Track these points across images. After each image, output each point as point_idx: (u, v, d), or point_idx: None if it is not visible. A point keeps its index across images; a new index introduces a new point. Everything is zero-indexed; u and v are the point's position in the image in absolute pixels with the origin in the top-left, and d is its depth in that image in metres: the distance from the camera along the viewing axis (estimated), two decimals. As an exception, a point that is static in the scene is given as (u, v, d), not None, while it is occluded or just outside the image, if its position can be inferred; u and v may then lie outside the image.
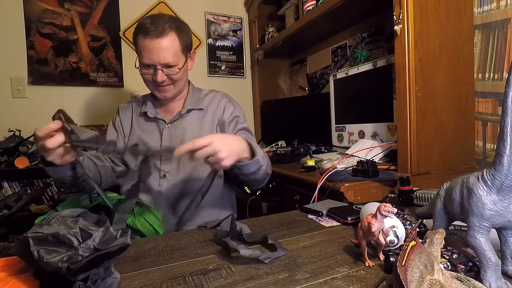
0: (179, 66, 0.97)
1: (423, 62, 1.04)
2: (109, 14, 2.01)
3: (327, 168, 1.12)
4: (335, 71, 1.73)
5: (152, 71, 0.96)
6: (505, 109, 0.41)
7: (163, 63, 0.94)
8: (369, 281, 0.47)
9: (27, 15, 1.81)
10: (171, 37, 0.94)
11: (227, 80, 2.41)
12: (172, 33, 0.94)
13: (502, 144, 0.42)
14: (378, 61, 1.28)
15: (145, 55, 0.94)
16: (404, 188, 0.89)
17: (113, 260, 0.47)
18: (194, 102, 1.08)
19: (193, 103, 1.08)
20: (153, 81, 0.98)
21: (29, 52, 1.82)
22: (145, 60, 0.94)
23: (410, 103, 1.03)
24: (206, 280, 0.50)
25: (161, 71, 0.95)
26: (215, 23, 2.36)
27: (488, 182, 0.43)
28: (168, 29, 0.93)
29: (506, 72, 1.09)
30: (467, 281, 0.40)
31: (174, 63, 0.96)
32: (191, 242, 0.68)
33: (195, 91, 1.12)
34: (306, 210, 0.87)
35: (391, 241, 0.52)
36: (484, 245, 0.42)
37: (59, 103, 1.89)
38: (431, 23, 1.05)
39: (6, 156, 1.60)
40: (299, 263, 0.55)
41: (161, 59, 0.93)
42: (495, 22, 1.11)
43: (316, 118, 1.83)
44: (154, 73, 0.96)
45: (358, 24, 1.75)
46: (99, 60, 2.00)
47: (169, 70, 0.96)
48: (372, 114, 1.34)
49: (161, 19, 0.94)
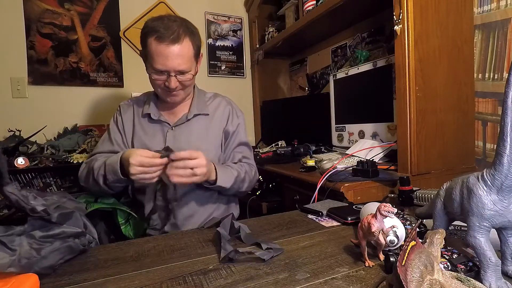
0: (192, 72, 0.96)
1: (423, 62, 1.04)
2: (109, 14, 2.01)
3: (327, 168, 1.12)
4: (335, 71, 1.73)
5: (165, 77, 0.94)
6: (505, 109, 0.41)
7: (177, 70, 0.93)
8: (369, 281, 0.47)
9: (27, 15, 1.81)
10: (186, 43, 0.92)
11: (227, 80, 2.41)
12: (187, 38, 0.92)
13: (502, 144, 0.41)
14: (378, 61, 1.28)
15: (159, 61, 0.91)
16: (404, 188, 0.89)
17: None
18: (200, 106, 1.08)
19: (199, 108, 1.07)
20: (165, 87, 0.96)
21: (29, 52, 1.82)
22: (158, 66, 0.92)
23: (410, 103, 1.03)
24: (206, 280, 0.50)
25: (175, 78, 0.94)
26: (215, 23, 2.36)
27: (488, 182, 0.43)
28: (183, 35, 0.91)
29: (506, 72, 1.09)
30: (467, 281, 0.40)
31: (187, 69, 0.95)
32: (191, 242, 0.68)
33: (200, 94, 1.11)
34: (306, 210, 0.87)
35: (391, 241, 0.52)
36: (484, 245, 0.42)
37: (59, 103, 1.89)
38: (431, 23, 1.05)
39: (6, 156, 1.60)
40: (299, 263, 0.55)
41: (176, 66, 0.92)
42: (495, 22, 1.11)
43: (316, 118, 1.83)
44: (167, 79, 0.94)
45: (358, 24, 1.75)
46: (99, 60, 2.00)
47: (182, 77, 0.95)
48: (372, 114, 1.34)
49: (175, 24, 0.91)
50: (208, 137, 1.06)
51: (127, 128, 1.07)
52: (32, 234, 0.54)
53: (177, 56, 0.91)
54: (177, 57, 0.91)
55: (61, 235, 0.58)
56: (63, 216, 0.60)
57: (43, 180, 1.75)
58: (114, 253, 0.64)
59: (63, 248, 0.58)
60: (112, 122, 1.10)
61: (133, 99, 1.14)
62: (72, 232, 0.60)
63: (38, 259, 0.53)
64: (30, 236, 0.54)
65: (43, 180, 1.75)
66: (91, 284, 0.51)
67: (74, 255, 0.62)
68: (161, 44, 0.89)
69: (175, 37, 0.90)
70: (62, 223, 0.59)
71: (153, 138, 1.04)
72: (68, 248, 0.59)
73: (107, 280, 0.53)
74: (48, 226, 0.57)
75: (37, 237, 0.54)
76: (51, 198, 0.62)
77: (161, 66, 0.91)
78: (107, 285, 0.51)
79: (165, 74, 0.94)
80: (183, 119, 1.05)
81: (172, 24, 0.91)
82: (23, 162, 1.55)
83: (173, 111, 1.08)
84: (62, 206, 0.61)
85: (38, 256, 0.53)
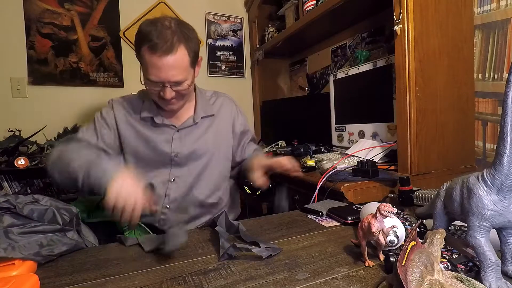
0: (188, 82, 0.91)
1: (423, 62, 1.04)
2: (109, 14, 2.01)
3: (327, 168, 1.12)
4: (335, 71, 1.73)
5: (159, 87, 0.89)
6: (505, 109, 0.41)
7: (172, 81, 0.87)
8: (369, 281, 0.47)
9: (27, 15, 1.81)
10: (180, 53, 0.86)
11: (227, 80, 2.41)
12: (181, 47, 0.86)
13: (502, 144, 0.41)
14: (378, 61, 1.28)
15: (152, 72, 0.86)
16: (404, 188, 0.89)
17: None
18: (205, 108, 1.06)
19: (204, 110, 1.05)
20: (160, 97, 0.92)
21: (29, 52, 1.82)
22: (152, 77, 0.87)
23: (410, 103, 1.03)
24: (206, 280, 0.50)
25: (170, 88, 0.89)
26: (215, 23, 2.36)
27: (488, 182, 0.43)
28: (176, 43, 0.85)
29: (506, 72, 1.09)
30: (467, 281, 0.40)
31: (183, 79, 0.89)
32: (191, 242, 0.68)
33: (202, 95, 1.09)
34: (306, 210, 0.87)
35: (391, 241, 0.52)
36: (484, 245, 0.42)
37: (59, 103, 1.89)
38: (431, 23, 1.05)
39: (6, 156, 1.60)
40: (299, 263, 0.55)
41: (171, 77, 0.86)
42: (495, 22, 1.11)
43: (316, 118, 1.83)
44: (161, 89, 0.89)
45: (358, 24, 1.75)
46: (99, 60, 2.00)
47: (178, 87, 0.90)
48: (372, 114, 1.34)
49: (168, 31, 0.85)
50: (216, 138, 1.05)
51: (121, 126, 1.01)
52: (10, 230, 0.57)
53: (171, 67, 0.85)
54: (171, 68, 0.85)
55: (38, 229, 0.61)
56: (37, 212, 0.61)
57: (43, 180, 1.75)
58: (114, 253, 0.64)
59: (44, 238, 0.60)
60: (100, 115, 1.03)
61: (126, 98, 1.06)
62: (51, 228, 0.62)
63: (20, 245, 0.55)
64: (7, 232, 0.56)
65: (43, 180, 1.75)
66: (91, 284, 0.51)
67: (66, 249, 0.63)
68: (154, 55, 0.84)
69: (169, 47, 0.83)
70: (34, 218, 0.61)
71: (158, 141, 1.00)
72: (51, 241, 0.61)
73: (107, 280, 0.53)
74: (24, 222, 0.59)
75: (15, 233, 0.57)
76: (26, 197, 0.64)
77: (155, 77, 0.86)
78: (107, 285, 0.51)
79: (159, 85, 0.89)
80: (189, 122, 1.02)
81: (166, 32, 0.84)
82: (23, 162, 1.55)
83: (177, 114, 1.03)
84: (35, 203, 0.63)
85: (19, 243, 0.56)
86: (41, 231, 0.60)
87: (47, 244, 0.60)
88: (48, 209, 0.63)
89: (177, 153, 1.00)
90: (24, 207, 0.60)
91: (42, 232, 0.61)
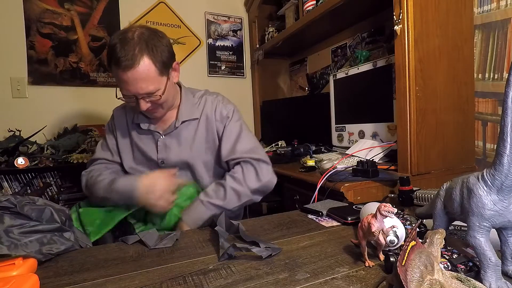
0: (160, 93, 0.89)
1: (423, 62, 1.04)
2: (109, 14, 2.01)
3: (327, 168, 1.12)
4: (335, 71, 1.73)
5: (134, 99, 0.89)
6: (505, 109, 0.41)
7: (142, 93, 0.87)
8: (369, 281, 0.47)
9: (27, 15, 1.81)
10: (143, 64, 0.84)
11: (227, 80, 2.41)
12: (144, 58, 0.84)
13: (502, 144, 0.41)
14: (378, 61, 1.28)
15: (122, 87, 0.87)
16: (404, 188, 0.89)
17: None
18: (188, 111, 1.02)
19: (187, 113, 1.02)
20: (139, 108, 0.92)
21: (29, 52, 1.82)
22: (123, 91, 0.88)
23: (410, 103, 1.03)
24: (206, 280, 0.50)
25: (143, 100, 0.89)
26: (215, 23, 2.36)
27: (488, 182, 0.43)
28: (138, 55, 0.83)
29: (506, 72, 1.09)
30: (467, 281, 0.40)
31: (154, 90, 0.88)
32: (191, 242, 0.68)
33: (188, 97, 1.04)
34: (306, 210, 0.87)
35: (391, 241, 0.52)
36: (484, 245, 0.42)
37: (59, 103, 1.89)
38: (431, 23, 1.05)
39: (6, 156, 1.60)
40: (299, 263, 0.55)
41: (139, 90, 0.86)
42: (495, 22, 1.11)
43: (316, 118, 1.83)
44: (136, 102, 0.90)
45: (358, 24, 1.75)
46: (99, 60, 2.00)
47: (151, 98, 0.89)
48: (372, 114, 1.34)
49: (131, 43, 0.83)
50: (198, 142, 1.02)
51: (120, 134, 1.04)
52: (10, 229, 0.58)
53: (137, 80, 0.84)
54: (138, 81, 0.85)
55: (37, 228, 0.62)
56: (35, 212, 0.63)
57: (43, 180, 1.75)
58: (114, 253, 0.64)
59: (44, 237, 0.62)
60: (107, 128, 1.09)
61: (126, 104, 1.06)
62: (50, 227, 0.64)
63: (22, 243, 0.57)
64: (7, 231, 0.57)
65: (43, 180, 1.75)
66: (91, 284, 0.51)
67: (64, 249, 0.64)
68: (119, 69, 0.83)
69: (130, 61, 0.82)
70: (33, 217, 0.62)
71: (146, 147, 1.02)
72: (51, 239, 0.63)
73: (107, 280, 0.53)
74: (24, 222, 0.61)
75: (15, 233, 0.58)
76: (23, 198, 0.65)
77: (126, 91, 0.88)
78: (107, 285, 0.51)
79: (133, 98, 0.89)
80: (171, 127, 1.01)
81: (128, 44, 0.83)
82: (23, 162, 1.55)
83: (163, 119, 1.03)
84: (32, 203, 0.64)
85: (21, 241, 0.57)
86: (40, 230, 0.61)
87: (48, 243, 0.61)
88: (46, 209, 0.65)
89: (163, 160, 1.00)
90: (23, 206, 0.61)
91: (42, 231, 0.62)
